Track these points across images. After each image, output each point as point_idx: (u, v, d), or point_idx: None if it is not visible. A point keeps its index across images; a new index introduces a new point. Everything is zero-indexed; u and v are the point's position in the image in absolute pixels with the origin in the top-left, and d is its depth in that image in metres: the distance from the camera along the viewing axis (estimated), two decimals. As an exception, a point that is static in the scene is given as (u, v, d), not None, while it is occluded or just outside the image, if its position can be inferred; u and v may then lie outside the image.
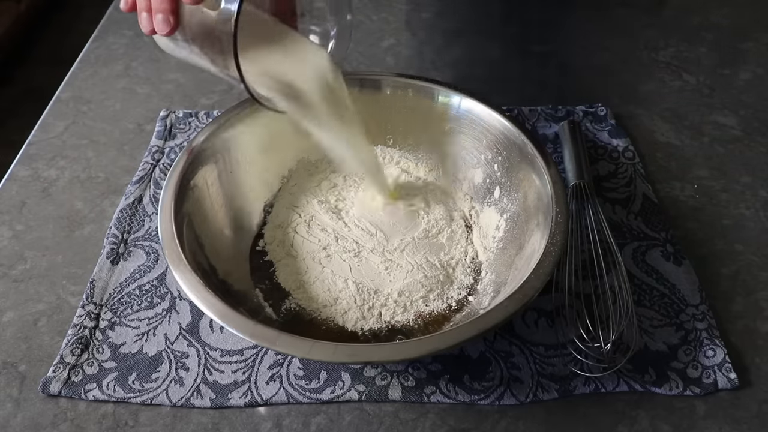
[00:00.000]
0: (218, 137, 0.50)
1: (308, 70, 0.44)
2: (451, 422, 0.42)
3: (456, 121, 0.54)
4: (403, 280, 0.47)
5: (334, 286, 0.47)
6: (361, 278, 0.48)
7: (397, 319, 0.46)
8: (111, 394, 0.42)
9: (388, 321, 0.46)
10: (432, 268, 0.48)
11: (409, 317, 0.46)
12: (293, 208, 0.53)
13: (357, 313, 0.46)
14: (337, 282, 0.47)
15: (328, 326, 0.45)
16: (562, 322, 0.46)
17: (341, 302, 0.46)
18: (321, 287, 0.47)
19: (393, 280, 0.48)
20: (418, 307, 0.46)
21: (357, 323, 0.45)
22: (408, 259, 0.49)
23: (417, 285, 0.47)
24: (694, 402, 0.42)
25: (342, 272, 0.48)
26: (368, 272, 0.48)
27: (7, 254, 0.52)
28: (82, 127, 0.64)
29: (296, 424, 0.41)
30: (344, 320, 0.45)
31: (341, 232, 0.51)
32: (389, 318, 0.46)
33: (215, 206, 0.49)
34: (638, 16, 0.82)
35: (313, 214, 0.52)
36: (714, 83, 0.71)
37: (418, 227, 0.51)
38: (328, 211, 0.52)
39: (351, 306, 0.46)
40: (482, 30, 0.79)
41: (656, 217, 0.54)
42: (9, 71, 1.73)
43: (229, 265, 0.47)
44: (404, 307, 0.46)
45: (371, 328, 0.45)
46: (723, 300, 0.49)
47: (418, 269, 0.48)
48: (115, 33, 0.78)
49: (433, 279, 0.47)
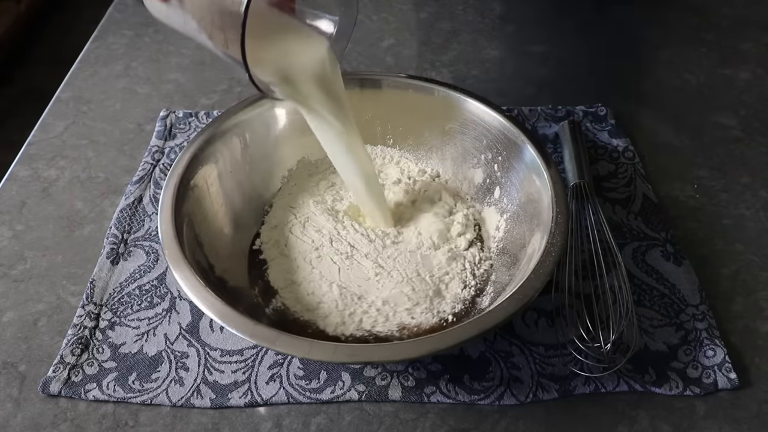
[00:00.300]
0: (218, 137, 0.50)
1: (307, 57, 0.43)
2: (451, 422, 0.42)
3: (456, 121, 0.54)
4: (390, 290, 0.46)
5: (319, 290, 0.46)
6: (348, 282, 0.47)
7: (378, 328, 0.44)
8: (111, 394, 0.42)
9: (369, 329, 0.44)
10: (422, 282, 0.47)
11: (392, 328, 0.44)
12: (290, 209, 0.53)
13: (337, 318, 0.45)
14: (322, 285, 0.47)
15: (311, 328, 0.45)
16: (562, 322, 0.46)
17: (323, 306, 0.46)
18: (307, 289, 0.47)
19: (380, 288, 0.46)
20: (402, 318, 0.45)
21: (337, 328, 0.44)
22: (399, 269, 0.47)
23: (403, 297, 0.46)
24: (694, 402, 0.42)
25: (330, 275, 0.47)
26: (357, 277, 0.47)
27: (7, 254, 0.52)
28: (82, 127, 0.64)
29: (296, 424, 0.41)
30: (325, 324, 0.45)
31: (337, 234, 0.50)
32: (369, 326, 0.44)
33: (215, 206, 0.49)
34: (638, 16, 0.82)
35: (308, 215, 0.52)
36: (714, 83, 0.71)
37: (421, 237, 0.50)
38: (324, 212, 0.52)
39: (332, 311, 0.45)
40: (482, 30, 0.79)
41: (656, 217, 0.54)
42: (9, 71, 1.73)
43: (228, 264, 0.47)
44: (386, 317, 0.45)
45: (352, 334, 0.44)
46: (723, 300, 0.49)
47: (407, 282, 0.46)
48: (115, 33, 0.78)
49: (421, 293, 0.46)
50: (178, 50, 0.75)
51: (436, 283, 0.47)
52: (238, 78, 0.71)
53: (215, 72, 0.72)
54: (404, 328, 0.45)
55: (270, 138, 0.54)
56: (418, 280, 0.47)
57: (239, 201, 0.52)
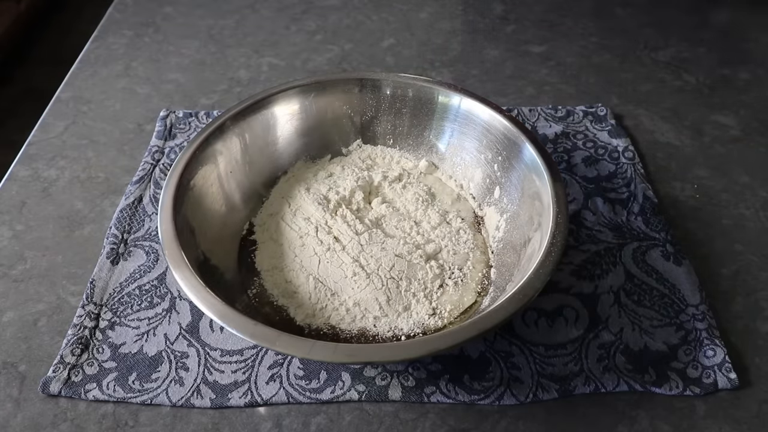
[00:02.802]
0: (218, 137, 0.50)
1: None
2: (451, 422, 0.42)
3: (456, 121, 0.54)
4: (364, 293, 0.46)
5: (297, 279, 0.47)
6: (325, 276, 0.47)
7: (342, 327, 0.45)
8: (111, 394, 0.42)
9: (333, 326, 0.45)
10: (398, 295, 0.46)
11: (353, 330, 0.45)
12: (287, 198, 0.53)
13: (309, 310, 0.45)
14: (300, 275, 0.47)
15: (281, 316, 0.46)
16: (562, 322, 0.46)
17: (297, 296, 0.46)
18: (287, 276, 0.48)
19: (355, 288, 0.46)
20: (366, 324, 0.45)
21: (306, 319, 0.45)
22: (381, 275, 0.46)
23: (375, 304, 0.45)
24: (694, 402, 0.42)
25: (309, 266, 0.48)
26: (333, 273, 0.47)
27: (7, 254, 0.52)
28: (82, 127, 0.64)
29: (296, 424, 0.41)
30: (296, 313, 0.46)
31: (325, 224, 0.50)
32: (335, 323, 0.45)
33: (215, 206, 0.49)
34: (638, 16, 0.82)
35: (300, 204, 0.52)
36: (714, 83, 0.71)
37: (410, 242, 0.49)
38: (314, 201, 0.51)
39: (305, 301, 0.46)
40: (482, 30, 0.79)
41: (656, 217, 0.54)
42: (9, 71, 1.73)
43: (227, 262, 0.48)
44: (353, 318, 0.45)
45: (318, 328, 0.45)
46: (723, 300, 0.49)
47: (384, 291, 0.46)
48: (115, 33, 0.78)
49: (393, 306, 0.45)
50: (178, 50, 0.75)
51: (410, 298, 0.46)
52: (237, 78, 0.71)
53: (215, 72, 0.72)
54: (363, 334, 0.45)
55: (270, 138, 0.54)
56: (396, 292, 0.46)
57: (239, 200, 0.52)
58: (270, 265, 0.49)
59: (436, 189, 0.55)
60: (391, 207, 0.52)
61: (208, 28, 0.79)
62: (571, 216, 0.53)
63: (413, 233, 0.50)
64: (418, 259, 0.47)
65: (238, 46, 0.76)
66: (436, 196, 0.54)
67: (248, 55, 0.75)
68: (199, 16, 0.81)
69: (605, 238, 0.52)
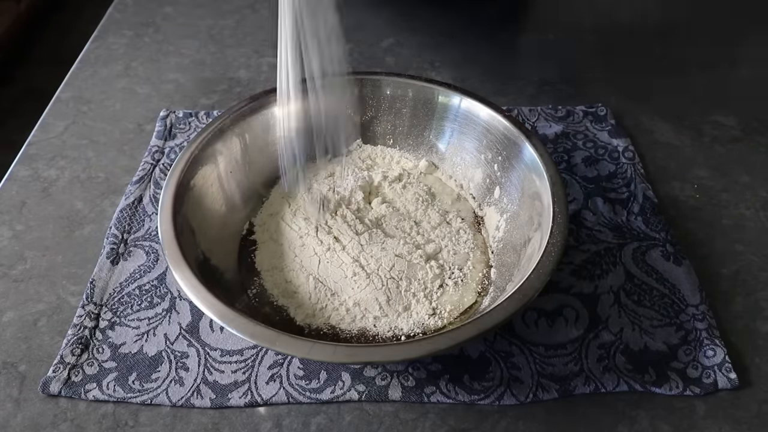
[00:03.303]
0: (218, 137, 0.50)
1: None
2: (451, 422, 0.42)
3: (456, 121, 0.54)
4: (364, 293, 0.46)
5: (297, 279, 0.47)
6: (325, 276, 0.47)
7: (342, 327, 0.45)
8: (111, 394, 0.42)
9: (333, 326, 0.45)
10: (398, 295, 0.46)
11: (353, 330, 0.45)
12: (287, 198, 0.53)
13: (309, 310, 0.46)
14: (300, 275, 0.47)
15: (281, 316, 0.46)
16: (562, 322, 0.46)
17: (297, 296, 0.46)
18: (287, 276, 0.48)
19: (355, 288, 0.46)
20: (366, 324, 0.45)
21: (306, 319, 0.45)
22: (381, 275, 0.47)
23: (375, 304, 0.45)
24: (694, 402, 0.42)
25: (309, 266, 0.48)
26: (333, 273, 0.47)
27: (7, 254, 0.52)
28: (82, 127, 0.64)
29: (296, 424, 0.41)
30: (296, 313, 0.46)
31: (325, 223, 0.50)
32: (335, 323, 0.45)
33: (215, 206, 0.49)
34: (638, 16, 0.82)
35: (300, 203, 0.52)
36: (714, 83, 0.71)
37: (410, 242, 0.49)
38: (314, 201, 0.51)
39: (305, 301, 0.46)
40: (482, 30, 0.79)
41: (656, 217, 0.54)
42: (9, 71, 1.73)
43: (227, 262, 0.48)
44: (353, 318, 0.45)
45: (318, 328, 0.45)
46: (723, 300, 0.49)
47: (384, 291, 0.46)
48: (115, 33, 0.78)
49: (393, 307, 0.46)
50: (178, 50, 0.75)
51: (410, 298, 0.46)
52: (237, 78, 0.71)
53: (215, 72, 0.72)
54: (363, 334, 0.45)
55: (270, 138, 0.54)
56: (396, 292, 0.46)
57: (239, 200, 0.52)
58: (270, 265, 0.49)
59: (436, 189, 0.55)
60: (391, 207, 0.52)
61: (208, 28, 0.79)
62: (571, 216, 0.53)
63: (413, 233, 0.50)
64: (418, 259, 0.47)
65: (238, 46, 0.76)
66: (436, 196, 0.54)
67: (248, 55, 0.75)
68: (199, 16, 0.81)
69: (605, 238, 0.52)
